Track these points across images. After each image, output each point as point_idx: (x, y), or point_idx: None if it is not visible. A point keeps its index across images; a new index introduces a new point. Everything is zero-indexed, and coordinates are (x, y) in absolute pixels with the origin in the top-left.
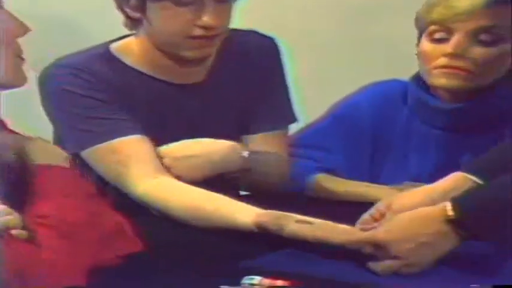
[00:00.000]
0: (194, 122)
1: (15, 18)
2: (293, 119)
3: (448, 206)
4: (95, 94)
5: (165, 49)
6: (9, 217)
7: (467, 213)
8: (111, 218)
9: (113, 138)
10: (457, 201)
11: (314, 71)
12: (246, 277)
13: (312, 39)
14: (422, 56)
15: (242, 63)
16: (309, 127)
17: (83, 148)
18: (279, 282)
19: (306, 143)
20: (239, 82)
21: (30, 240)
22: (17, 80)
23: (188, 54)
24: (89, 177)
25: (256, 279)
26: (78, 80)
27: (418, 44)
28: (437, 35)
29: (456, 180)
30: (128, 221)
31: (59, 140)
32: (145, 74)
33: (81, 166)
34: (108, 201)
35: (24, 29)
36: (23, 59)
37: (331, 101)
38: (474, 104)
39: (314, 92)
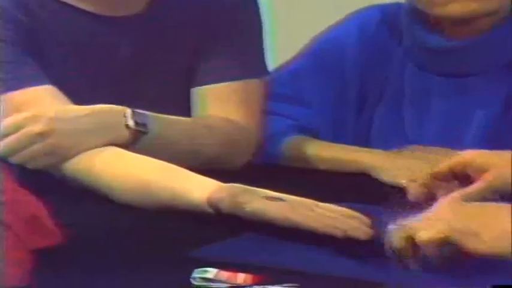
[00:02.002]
0: (128, 67)
1: None
2: (261, 70)
3: None
4: None
5: None
6: None
7: None
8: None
9: (14, 88)
10: None
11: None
12: (198, 269)
13: None
14: None
15: None
16: (278, 72)
17: None
18: (241, 277)
19: (275, 93)
20: (191, 17)
21: None
22: None
23: None
24: None
25: (211, 271)
26: None
27: None
28: None
29: None
30: (43, 205)
31: None
32: (69, 5)
33: None
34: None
35: None
36: None
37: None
38: (493, 36)
39: (292, 39)
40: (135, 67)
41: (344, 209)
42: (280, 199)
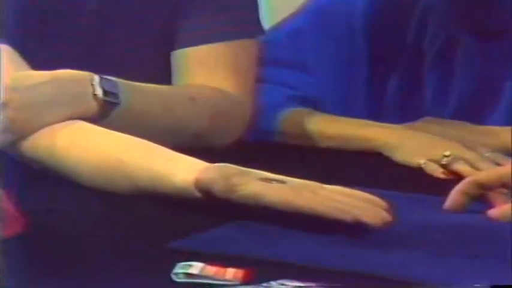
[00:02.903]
0: (97, 28)
1: None
2: (255, 29)
3: None
4: None
5: None
6: None
7: None
8: None
9: None
10: None
11: None
12: (180, 264)
13: None
14: None
15: None
16: (274, 33)
17: None
18: (230, 272)
19: (270, 57)
20: None
21: None
22: None
23: None
24: None
25: (196, 266)
26: None
27: None
28: None
29: None
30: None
31: None
32: None
33: None
34: None
35: None
36: None
37: None
38: None
39: None
40: (102, 26)
41: (355, 190)
42: (280, 181)
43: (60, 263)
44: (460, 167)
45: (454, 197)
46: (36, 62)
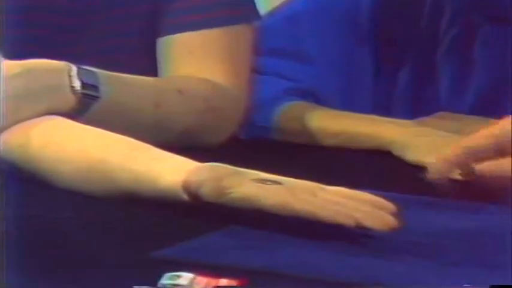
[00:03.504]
0: (77, 13)
1: None
2: (250, 13)
3: None
4: None
5: None
6: None
7: None
8: None
9: None
10: None
11: None
12: (168, 274)
13: None
14: None
15: None
16: (270, 18)
17: None
18: (223, 282)
19: (267, 45)
20: None
21: None
22: None
23: None
24: None
25: (185, 277)
26: None
27: None
28: None
29: None
30: None
31: None
32: None
33: None
34: None
35: None
36: None
37: None
38: None
39: None
40: (82, 10)
41: (359, 192)
42: (276, 182)
43: (35, 273)
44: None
45: (438, 165)
46: (13, 47)
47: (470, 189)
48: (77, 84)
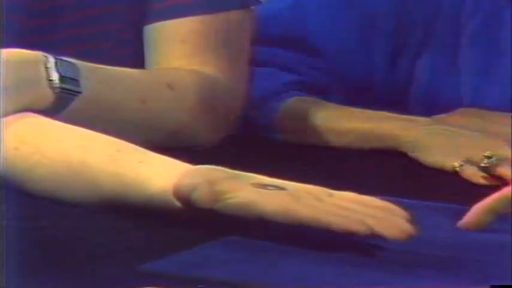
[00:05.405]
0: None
1: None
2: None
3: None
4: None
5: None
6: None
7: None
8: None
9: None
10: None
11: None
12: None
13: None
14: None
15: None
16: (270, 4)
17: None
18: None
19: (267, 34)
20: None
21: None
22: None
23: None
24: None
25: None
26: None
27: None
28: None
29: None
30: None
31: None
32: None
33: None
34: None
35: None
36: None
37: None
38: None
39: None
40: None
41: (370, 197)
42: (278, 187)
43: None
44: (505, 170)
45: (476, 215)
46: None
47: None
48: (55, 77)
